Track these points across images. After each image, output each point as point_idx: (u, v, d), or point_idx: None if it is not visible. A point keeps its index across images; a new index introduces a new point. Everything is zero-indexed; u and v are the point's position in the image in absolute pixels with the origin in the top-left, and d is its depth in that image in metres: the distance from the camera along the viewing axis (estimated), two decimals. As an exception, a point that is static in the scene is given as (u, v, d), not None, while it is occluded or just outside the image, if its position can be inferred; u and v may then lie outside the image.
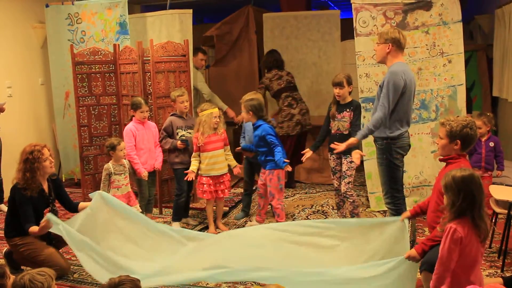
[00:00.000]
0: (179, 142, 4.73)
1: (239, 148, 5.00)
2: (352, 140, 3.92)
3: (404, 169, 5.10)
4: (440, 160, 3.12)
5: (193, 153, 4.67)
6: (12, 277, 2.54)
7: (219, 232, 4.75)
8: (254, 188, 5.39)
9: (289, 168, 4.51)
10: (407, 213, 3.30)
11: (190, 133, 4.83)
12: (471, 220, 2.46)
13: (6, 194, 3.93)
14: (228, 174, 4.81)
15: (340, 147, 3.95)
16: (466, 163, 3.02)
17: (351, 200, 4.51)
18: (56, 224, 3.37)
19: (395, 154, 3.83)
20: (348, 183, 4.48)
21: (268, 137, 4.48)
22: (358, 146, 4.29)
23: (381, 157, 3.89)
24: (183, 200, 4.92)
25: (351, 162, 4.38)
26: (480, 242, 2.50)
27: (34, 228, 3.54)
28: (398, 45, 3.78)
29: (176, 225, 4.84)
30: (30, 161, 3.60)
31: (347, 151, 4.27)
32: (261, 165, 4.72)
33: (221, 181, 4.72)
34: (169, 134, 4.82)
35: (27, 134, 6.31)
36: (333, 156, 4.58)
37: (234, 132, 6.97)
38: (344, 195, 4.52)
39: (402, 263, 2.91)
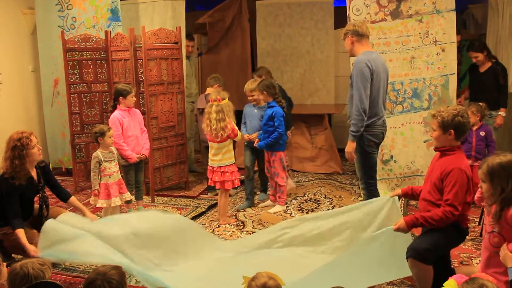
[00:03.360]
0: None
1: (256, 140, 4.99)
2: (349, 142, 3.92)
3: (395, 159, 5.17)
4: (435, 149, 3.09)
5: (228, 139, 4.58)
6: (4, 264, 2.53)
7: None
8: (255, 173, 5.33)
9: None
10: (398, 191, 3.29)
11: None
12: None
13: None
14: None
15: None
16: (463, 154, 3.01)
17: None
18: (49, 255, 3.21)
19: (367, 142, 3.89)
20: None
21: (276, 119, 4.76)
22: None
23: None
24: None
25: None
26: None
27: (20, 233, 3.45)
28: (357, 34, 3.92)
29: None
30: (18, 148, 3.53)
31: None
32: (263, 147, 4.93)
33: None
34: None
35: (16, 122, 6.22)
36: None
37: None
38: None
39: (388, 233, 2.93)
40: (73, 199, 3.96)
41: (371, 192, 3.99)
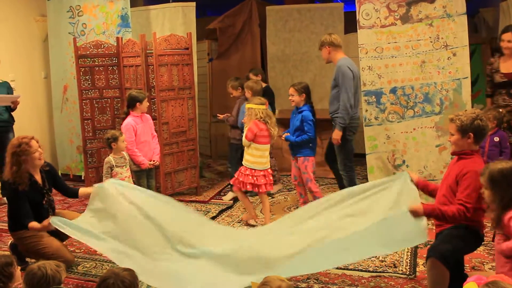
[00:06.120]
0: None
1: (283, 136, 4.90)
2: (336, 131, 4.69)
3: (407, 164, 5.15)
4: (453, 154, 3.06)
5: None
6: (18, 268, 2.56)
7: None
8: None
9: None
10: (415, 176, 3.16)
11: None
12: None
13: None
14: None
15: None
16: (480, 159, 2.97)
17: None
18: (61, 226, 3.25)
19: (348, 132, 4.69)
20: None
21: (305, 123, 4.66)
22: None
23: None
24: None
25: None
26: None
27: (34, 224, 3.51)
28: (333, 45, 4.72)
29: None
30: (17, 154, 3.55)
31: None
32: (292, 152, 4.85)
33: None
34: None
35: (28, 128, 6.26)
36: None
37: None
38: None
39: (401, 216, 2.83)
40: (81, 190, 3.94)
41: (349, 173, 4.79)
